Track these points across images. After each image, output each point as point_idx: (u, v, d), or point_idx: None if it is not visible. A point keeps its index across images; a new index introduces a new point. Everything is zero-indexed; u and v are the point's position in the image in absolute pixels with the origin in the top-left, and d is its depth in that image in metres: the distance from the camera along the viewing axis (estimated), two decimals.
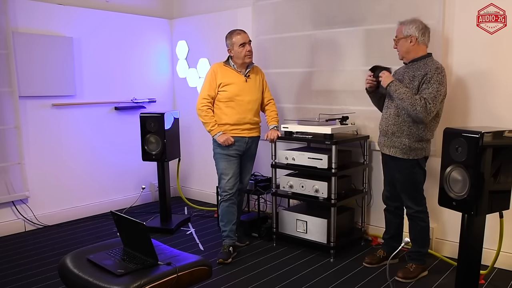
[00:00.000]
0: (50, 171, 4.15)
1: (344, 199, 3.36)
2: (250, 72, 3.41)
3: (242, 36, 3.33)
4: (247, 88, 3.37)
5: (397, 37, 2.88)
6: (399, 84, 2.80)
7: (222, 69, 3.38)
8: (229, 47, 3.36)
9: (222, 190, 3.37)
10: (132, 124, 4.71)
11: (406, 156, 2.85)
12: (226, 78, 3.34)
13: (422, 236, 2.96)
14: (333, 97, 3.75)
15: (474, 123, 3.06)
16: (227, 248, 3.32)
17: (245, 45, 3.31)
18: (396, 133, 2.86)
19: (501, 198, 2.35)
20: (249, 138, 3.42)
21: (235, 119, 3.34)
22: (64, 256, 2.30)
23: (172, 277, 2.04)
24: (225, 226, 3.37)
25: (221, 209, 3.39)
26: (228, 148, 3.34)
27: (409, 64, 2.88)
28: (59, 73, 4.09)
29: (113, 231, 3.94)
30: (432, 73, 2.73)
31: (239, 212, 3.65)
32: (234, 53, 3.34)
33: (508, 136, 2.29)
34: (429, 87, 2.72)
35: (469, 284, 2.44)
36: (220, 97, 3.34)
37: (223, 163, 3.36)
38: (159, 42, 4.94)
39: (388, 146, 2.93)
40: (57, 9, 4.09)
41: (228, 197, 3.34)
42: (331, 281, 2.93)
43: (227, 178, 3.34)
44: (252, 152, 3.51)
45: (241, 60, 3.34)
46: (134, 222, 2.18)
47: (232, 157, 3.36)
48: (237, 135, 3.36)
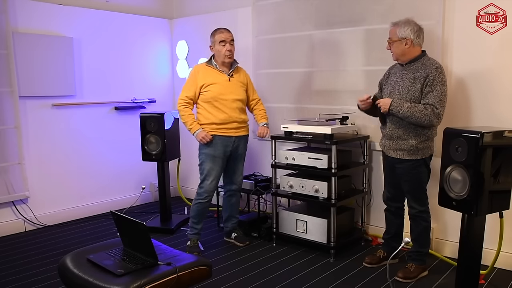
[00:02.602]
0: (50, 171, 4.15)
1: (344, 199, 3.36)
2: (234, 72, 3.41)
3: (224, 34, 3.34)
4: (230, 87, 3.36)
5: (391, 39, 2.84)
6: (399, 102, 2.76)
7: (204, 69, 3.38)
8: (211, 44, 3.39)
9: (204, 191, 3.37)
10: (132, 124, 4.71)
11: (414, 156, 2.84)
12: (208, 78, 3.33)
13: (424, 236, 2.95)
14: (333, 97, 3.75)
15: (474, 123, 3.06)
16: (197, 242, 3.49)
17: (225, 44, 3.31)
18: (402, 135, 2.84)
19: (501, 198, 2.35)
20: (236, 137, 3.40)
21: (221, 118, 3.32)
22: (64, 256, 2.30)
23: (172, 277, 2.04)
24: (198, 224, 3.46)
25: (198, 209, 3.41)
26: (215, 149, 3.33)
27: (406, 65, 2.85)
28: (59, 73, 4.09)
29: (113, 231, 3.94)
30: (433, 74, 2.71)
31: (237, 212, 3.67)
32: (215, 51, 3.36)
33: (508, 136, 2.29)
34: (433, 90, 2.70)
35: (469, 284, 2.44)
36: (204, 97, 3.33)
37: (208, 164, 3.35)
38: (159, 42, 4.94)
39: (394, 149, 2.91)
40: (57, 9, 4.09)
41: (208, 199, 3.40)
42: (331, 281, 2.93)
43: (210, 179, 3.36)
44: (241, 152, 3.49)
45: (221, 59, 3.34)
46: (134, 222, 2.18)
47: (218, 158, 3.35)
48: (223, 135, 3.35)
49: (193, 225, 3.47)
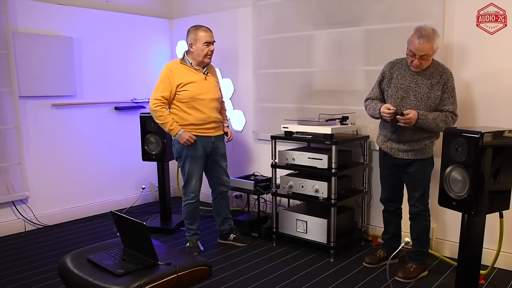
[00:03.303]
0: (50, 171, 4.15)
1: (344, 199, 3.36)
2: (208, 70, 3.32)
3: (209, 34, 3.22)
4: (207, 86, 3.27)
5: (427, 55, 2.70)
6: (424, 115, 2.72)
7: (179, 68, 3.23)
8: (191, 41, 3.21)
9: (190, 192, 3.33)
10: (132, 124, 4.71)
11: (426, 155, 2.86)
12: (185, 77, 3.20)
13: (424, 236, 2.96)
14: (333, 97, 3.75)
15: (474, 123, 3.06)
16: (196, 242, 3.46)
17: (209, 45, 3.21)
18: (414, 137, 2.83)
19: (501, 198, 2.35)
20: (215, 137, 3.36)
21: (200, 119, 3.24)
22: (64, 256, 2.30)
23: (172, 277, 2.04)
24: (192, 225, 3.42)
25: (189, 210, 3.37)
26: (195, 149, 3.25)
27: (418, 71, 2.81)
28: (59, 73, 4.09)
29: (113, 231, 3.94)
30: (451, 81, 2.76)
31: (230, 212, 3.64)
32: (195, 49, 3.20)
33: (508, 136, 2.29)
34: (450, 96, 2.76)
35: (469, 284, 2.44)
36: (181, 97, 3.20)
37: (190, 165, 3.28)
38: (159, 42, 4.94)
39: (406, 150, 2.87)
40: (57, 9, 4.09)
41: (196, 199, 3.37)
42: (331, 281, 2.93)
43: (194, 180, 3.31)
44: (222, 151, 3.44)
45: (200, 58, 3.22)
46: (134, 222, 2.18)
47: (199, 158, 3.30)
48: (202, 135, 3.27)
49: (188, 227, 3.44)
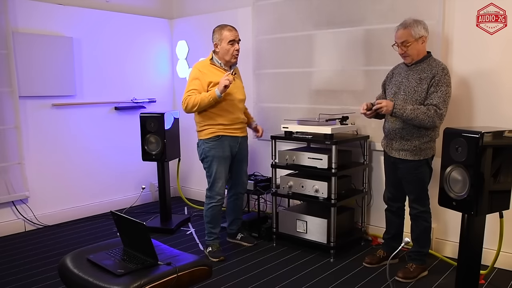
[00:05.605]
0: (50, 171, 4.15)
1: (344, 199, 3.36)
2: (235, 71, 3.30)
3: (233, 33, 3.18)
4: (236, 87, 3.26)
5: (407, 41, 2.76)
6: (402, 105, 2.75)
7: (208, 68, 3.21)
8: (216, 41, 3.19)
9: (216, 194, 3.28)
10: (132, 124, 4.71)
11: (417, 157, 2.84)
12: (214, 77, 3.16)
13: (424, 236, 2.96)
14: (333, 97, 3.75)
15: (475, 123, 3.06)
16: (219, 246, 3.38)
17: (234, 43, 3.18)
18: (406, 136, 2.84)
19: (501, 198, 2.35)
20: (241, 137, 3.37)
21: (230, 119, 3.24)
22: (64, 256, 2.30)
23: (172, 277, 2.04)
24: (215, 228, 3.35)
25: (213, 213, 3.31)
26: (224, 150, 3.25)
27: (411, 66, 2.85)
28: (59, 73, 4.09)
29: (113, 231, 3.94)
30: (440, 75, 2.72)
31: (241, 213, 3.65)
32: (221, 49, 3.18)
33: (508, 136, 2.29)
34: (438, 90, 2.71)
35: (469, 284, 2.44)
36: None
37: (218, 167, 3.26)
38: (159, 42, 4.94)
39: (397, 149, 2.90)
40: (57, 9, 4.09)
41: (221, 202, 3.32)
42: (331, 281, 2.93)
43: (221, 182, 3.28)
44: (245, 153, 3.45)
45: (227, 58, 3.20)
46: (134, 222, 2.18)
47: (226, 159, 3.29)
48: (231, 135, 3.28)
49: (210, 231, 3.35)
